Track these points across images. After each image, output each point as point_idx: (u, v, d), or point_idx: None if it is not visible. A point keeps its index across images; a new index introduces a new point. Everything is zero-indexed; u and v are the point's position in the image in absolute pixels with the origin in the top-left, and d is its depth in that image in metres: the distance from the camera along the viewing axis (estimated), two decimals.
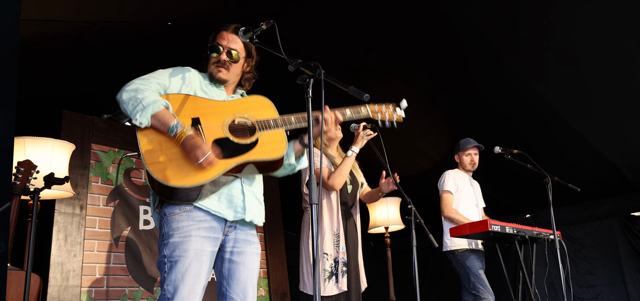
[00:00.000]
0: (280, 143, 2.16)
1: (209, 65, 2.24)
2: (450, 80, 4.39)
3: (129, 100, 1.99)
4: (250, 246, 2.17)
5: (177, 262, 1.95)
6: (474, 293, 4.01)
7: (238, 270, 2.12)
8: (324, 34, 3.88)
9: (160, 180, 1.91)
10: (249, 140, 2.10)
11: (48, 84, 4.09)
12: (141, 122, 1.97)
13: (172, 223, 1.99)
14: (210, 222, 2.03)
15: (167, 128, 1.98)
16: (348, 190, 3.41)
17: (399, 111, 2.54)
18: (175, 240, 1.97)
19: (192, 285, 1.94)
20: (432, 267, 7.23)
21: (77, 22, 3.35)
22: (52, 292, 3.58)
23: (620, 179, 5.45)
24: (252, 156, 2.07)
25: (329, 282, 3.13)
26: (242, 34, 2.12)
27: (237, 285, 2.10)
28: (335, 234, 3.22)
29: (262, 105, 2.24)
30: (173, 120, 1.99)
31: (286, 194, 5.44)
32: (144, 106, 1.98)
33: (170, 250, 1.97)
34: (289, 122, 2.19)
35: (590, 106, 4.39)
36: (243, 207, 2.11)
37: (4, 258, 2.29)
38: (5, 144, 1.94)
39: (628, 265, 5.74)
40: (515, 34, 3.75)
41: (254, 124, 2.14)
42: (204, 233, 2.01)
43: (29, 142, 3.27)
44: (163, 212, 2.03)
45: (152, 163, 1.94)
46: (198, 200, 2.00)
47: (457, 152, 4.46)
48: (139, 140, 1.99)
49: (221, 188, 2.06)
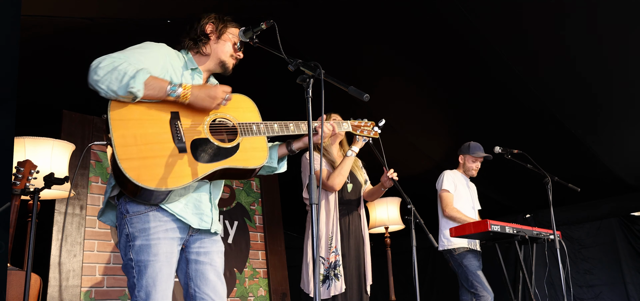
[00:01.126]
0: (262, 151, 2.08)
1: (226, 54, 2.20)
2: (451, 80, 4.39)
3: (108, 75, 1.80)
4: (215, 245, 2.10)
5: (146, 267, 1.85)
6: (472, 292, 4.02)
7: (206, 270, 2.04)
8: (323, 34, 3.88)
9: (133, 180, 1.76)
10: (229, 144, 2.00)
11: (48, 84, 4.09)
12: (138, 90, 1.81)
13: (136, 223, 1.88)
14: (177, 223, 1.94)
15: (164, 92, 1.88)
16: (348, 189, 3.43)
17: (376, 129, 2.78)
18: (143, 243, 1.87)
19: (164, 289, 1.86)
20: (432, 267, 7.23)
21: (76, 19, 3.35)
22: (52, 292, 3.58)
23: (620, 180, 5.45)
24: (231, 163, 1.97)
25: (322, 286, 3.18)
26: (242, 34, 2.12)
27: (206, 285, 2.03)
28: (329, 237, 3.26)
29: (245, 107, 2.16)
30: (167, 84, 1.89)
31: (286, 194, 5.45)
32: (131, 75, 1.81)
33: (138, 254, 1.86)
34: (271, 129, 2.13)
35: (590, 107, 4.39)
36: (210, 218, 2.04)
37: (4, 258, 2.29)
38: (5, 144, 1.94)
39: (628, 265, 5.74)
40: (515, 34, 3.75)
41: (236, 127, 2.06)
42: (172, 234, 1.92)
43: (29, 142, 3.27)
44: (125, 209, 1.90)
45: (125, 159, 1.77)
46: (165, 203, 1.89)
47: (465, 153, 4.43)
48: (112, 130, 1.80)
49: (190, 193, 1.97)
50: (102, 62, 1.83)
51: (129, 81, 1.80)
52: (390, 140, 3.35)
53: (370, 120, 2.78)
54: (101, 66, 1.82)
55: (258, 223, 5.10)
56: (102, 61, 1.84)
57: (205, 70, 2.21)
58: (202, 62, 2.20)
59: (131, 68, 1.83)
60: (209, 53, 2.20)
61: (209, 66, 2.22)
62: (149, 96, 1.87)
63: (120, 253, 1.95)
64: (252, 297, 4.77)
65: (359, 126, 2.71)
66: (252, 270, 4.85)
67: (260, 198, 5.19)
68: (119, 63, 1.83)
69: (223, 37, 2.20)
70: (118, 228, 1.96)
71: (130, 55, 1.93)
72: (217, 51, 2.20)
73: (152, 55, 1.99)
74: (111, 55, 1.87)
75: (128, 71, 1.81)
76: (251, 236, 4.98)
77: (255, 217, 5.10)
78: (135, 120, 1.87)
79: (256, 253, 4.97)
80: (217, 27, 2.21)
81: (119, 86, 1.81)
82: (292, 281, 4.93)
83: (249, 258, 4.87)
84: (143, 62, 1.93)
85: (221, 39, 2.20)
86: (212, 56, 2.20)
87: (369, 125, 2.74)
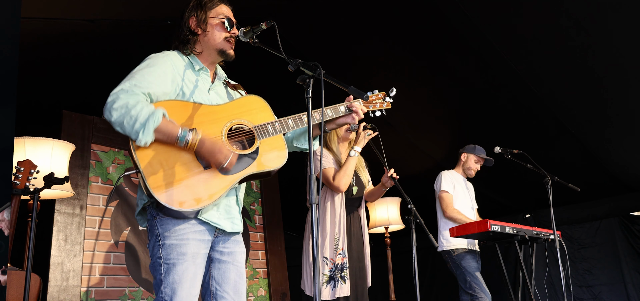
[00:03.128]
0: (281, 150, 2.10)
1: (218, 40, 2.11)
2: (451, 80, 4.39)
3: (121, 118, 1.82)
4: (239, 246, 2.14)
5: (174, 265, 1.90)
6: (470, 293, 4.02)
7: (229, 270, 2.08)
8: (323, 33, 3.88)
9: (168, 206, 1.83)
10: (249, 150, 2.03)
11: (48, 84, 4.09)
12: (146, 142, 1.83)
13: (167, 224, 1.92)
14: (206, 226, 1.98)
15: (174, 139, 1.88)
16: (353, 192, 3.41)
17: (387, 99, 2.56)
18: (172, 243, 1.91)
19: (189, 288, 1.90)
20: (432, 267, 7.23)
21: (77, 20, 3.35)
22: (52, 292, 3.58)
23: (620, 180, 5.45)
24: (253, 169, 2.01)
25: (327, 286, 3.16)
26: (242, 34, 2.11)
27: (227, 284, 2.06)
28: (335, 238, 3.23)
29: (258, 107, 2.15)
30: (178, 129, 1.88)
31: (286, 194, 5.45)
32: (142, 123, 1.82)
33: (166, 252, 1.91)
34: (286, 125, 2.13)
35: (590, 107, 4.39)
36: (240, 219, 2.10)
37: (4, 258, 2.29)
38: (5, 144, 1.94)
39: (628, 265, 5.73)
40: (515, 33, 3.75)
41: (252, 130, 2.07)
42: (200, 236, 1.96)
43: (29, 142, 3.27)
44: (156, 212, 1.95)
45: (156, 188, 1.84)
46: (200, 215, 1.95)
47: (469, 152, 4.42)
48: (138, 160, 1.85)
49: (220, 200, 2.01)
50: (116, 101, 1.84)
51: (139, 130, 1.82)
52: (390, 140, 3.35)
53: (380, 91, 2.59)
54: (115, 107, 1.83)
55: (258, 223, 5.10)
56: (116, 100, 1.84)
57: (209, 64, 2.16)
58: (202, 58, 2.15)
59: (144, 112, 1.82)
60: (203, 49, 2.14)
61: (209, 60, 2.16)
62: (159, 140, 1.88)
63: (149, 252, 2.00)
64: (252, 297, 4.77)
65: (370, 101, 2.52)
66: (252, 270, 4.85)
67: (260, 198, 5.19)
68: (132, 105, 1.83)
69: (209, 24, 2.11)
70: (148, 228, 2.00)
71: (140, 80, 1.91)
72: (208, 43, 2.12)
73: (160, 72, 1.98)
74: (124, 90, 1.86)
75: (139, 117, 1.82)
76: (251, 237, 4.98)
77: (255, 217, 5.10)
78: (159, 146, 1.89)
79: (256, 253, 4.97)
80: (199, 18, 2.11)
81: (131, 131, 1.83)
82: (292, 281, 4.93)
83: (249, 258, 4.87)
84: (153, 84, 1.93)
85: (208, 28, 2.12)
86: (206, 49, 2.14)
87: (379, 97, 2.56)
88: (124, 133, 1.85)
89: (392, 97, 2.55)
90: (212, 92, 2.13)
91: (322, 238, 3.22)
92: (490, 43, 3.79)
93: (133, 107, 1.83)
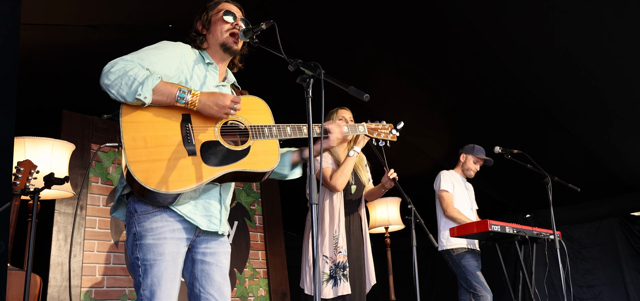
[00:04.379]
0: (273, 155, 2.05)
1: (220, 35, 2.13)
2: (451, 81, 4.39)
3: (118, 80, 1.80)
4: (222, 246, 2.10)
5: (152, 266, 1.86)
6: (471, 292, 4.02)
7: (212, 271, 2.04)
8: (323, 33, 3.89)
9: (141, 182, 1.77)
10: (240, 147, 1.99)
11: (48, 84, 4.09)
12: (145, 97, 1.80)
13: (144, 223, 1.88)
14: (184, 224, 1.94)
15: (173, 98, 1.86)
16: (352, 191, 3.41)
17: (394, 132, 2.58)
18: (150, 242, 1.87)
19: (169, 289, 1.87)
20: (432, 267, 7.23)
21: (78, 26, 3.35)
22: (52, 292, 3.58)
23: (620, 180, 5.45)
24: (241, 166, 1.95)
25: (327, 285, 3.16)
26: (242, 34, 2.11)
27: (211, 286, 2.03)
28: (334, 237, 3.23)
29: (258, 109, 2.12)
30: (176, 89, 1.87)
31: (286, 194, 5.45)
32: (140, 82, 1.81)
33: (144, 253, 1.87)
34: (284, 132, 2.10)
35: (590, 107, 4.39)
36: (219, 219, 2.03)
37: (4, 258, 2.29)
38: (5, 144, 1.94)
39: (628, 265, 5.73)
40: (515, 34, 3.75)
41: (247, 129, 2.04)
42: (178, 234, 1.92)
43: (29, 142, 3.27)
44: (133, 208, 1.91)
45: (134, 161, 1.79)
46: (174, 205, 1.90)
47: (468, 153, 4.42)
48: (123, 133, 1.82)
49: (200, 195, 1.97)
50: (114, 66, 1.83)
51: (137, 87, 1.80)
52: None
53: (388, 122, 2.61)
54: (113, 70, 1.82)
55: (258, 223, 5.10)
56: (114, 65, 1.83)
57: (219, 62, 2.18)
58: (212, 56, 2.17)
59: (141, 73, 1.83)
60: (209, 46, 2.17)
61: (217, 57, 2.18)
62: (157, 101, 1.87)
63: (127, 251, 1.96)
64: (252, 297, 4.77)
65: (375, 129, 2.55)
66: (252, 270, 4.85)
67: (260, 198, 5.19)
68: (130, 68, 1.83)
69: (212, 22, 2.16)
70: (126, 226, 1.96)
71: (144, 56, 1.92)
72: (213, 39, 2.15)
73: (166, 56, 1.98)
74: (124, 57, 1.87)
75: (137, 77, 1.81)
76: (251, 237, 4.98)
77: (255, 217, 5.10)
78: (147, 123, 1.87)
79: (256, 253, 4.97)
80: (203, 20, 2.17)
81: (128, 92, 1.81)
82: (292, 281, 4.93)
83: (249, 258, 4.87)
84: (156, 63, 1.93)
85: (211, 26, 2.15)
86: (213, 46, 2.16)
87: (386, 128, 2.56)
88: (120, 96, 1.82)
89: (398, 130, 2.56)
90: (219, 90, 2.13)
91: (322, 237, 3.22)
92: (490, 43, 3.79)
93: (130, 69, 1.82)
